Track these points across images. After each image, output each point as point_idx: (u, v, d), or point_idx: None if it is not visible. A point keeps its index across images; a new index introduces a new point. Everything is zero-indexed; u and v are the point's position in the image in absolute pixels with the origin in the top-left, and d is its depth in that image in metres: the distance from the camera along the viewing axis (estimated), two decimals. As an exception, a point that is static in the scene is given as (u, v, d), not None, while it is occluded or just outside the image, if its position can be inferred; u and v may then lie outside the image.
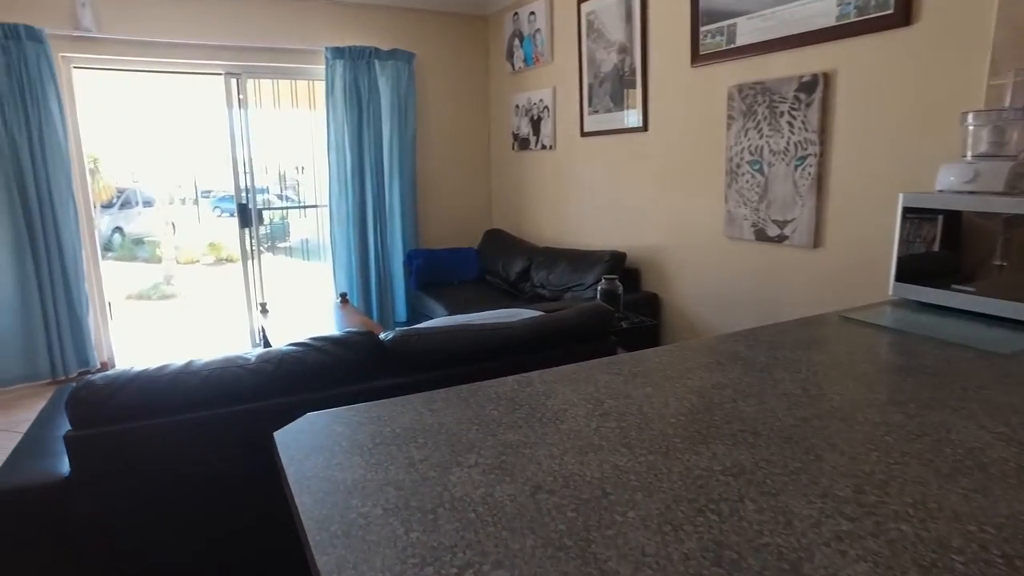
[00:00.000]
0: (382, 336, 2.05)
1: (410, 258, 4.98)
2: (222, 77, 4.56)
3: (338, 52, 4.63)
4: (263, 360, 1.88)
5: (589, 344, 2.30)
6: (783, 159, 2.86)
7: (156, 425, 1.72)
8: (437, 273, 4.89)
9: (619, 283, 3.15)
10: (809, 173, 2.73)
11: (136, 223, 13.50)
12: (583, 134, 4.27)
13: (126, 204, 13.28)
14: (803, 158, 2.76)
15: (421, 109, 5.10)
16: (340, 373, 1.92)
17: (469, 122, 5.42)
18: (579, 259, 4.02)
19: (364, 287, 5.01)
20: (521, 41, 4.83)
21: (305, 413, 1.84)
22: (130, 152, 11.93)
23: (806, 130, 2.72)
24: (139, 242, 13.17)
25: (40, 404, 3.83)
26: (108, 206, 12.62)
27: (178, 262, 11.20)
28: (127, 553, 1.76)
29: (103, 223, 12.50)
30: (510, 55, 5.00)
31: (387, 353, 2.01)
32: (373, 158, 4.86)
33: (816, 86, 2.65)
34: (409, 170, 5.00)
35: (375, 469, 0.93)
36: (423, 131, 5.15)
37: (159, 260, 11.23)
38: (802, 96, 2.72)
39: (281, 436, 1.04)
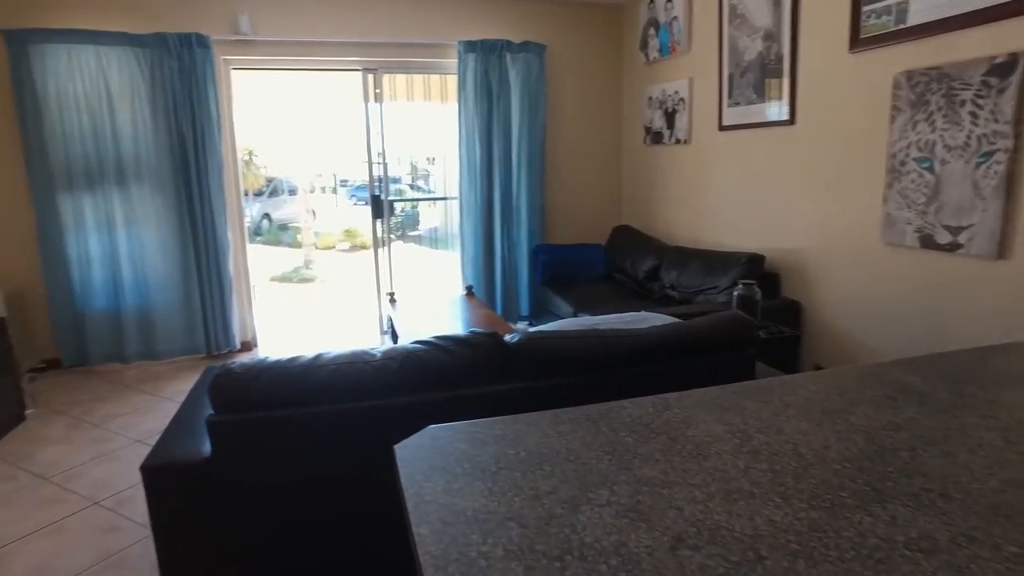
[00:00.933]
0: (507, 338, 1.99)
1: (536, 253, 4.94)
2: (360, 73, 4.73)
3: (470, 46, 4.65)
4: (388, 357, 1.89)
5: (724, 355, 2.13)
6: (961, 156, 2.50)
7: (286, 415, 1.76)
8: (563, 269, 4.81)
9: (757, 289, 2.92)
10: (996, 172, 2.37)
11: (282, 210, 14.54)
12: (721, 127, 4.01)
13: (274, 192, 14.32)
14: (988, 154, 2.39)
15: (551, 102, 5.02)
16: (463, 374, 1.89)
17: (600, 115, 5.28)
18: (713, 260, 3.79)
19: (489, 280, 5.04)
20: (656, 30, 4.62)
21: (427, 412, 1.84)
22: (279, 144, 12.81)
23: (995, 121, 2.35)
24: (284, 227, 14.16)
25: (191, 376, 4.17)
26: (259, 194, 13.68)
27: (317, 247, 11.89)
28: (257, 530, 1.83)
29: (254, 210, 13.56)
30: (644, 45, 4.80)
31: (511, 356, 1.95)
32: (502, 151, 4.86)
33: (1014, 68, 2.28)
34: (537, 164, 4.95)
35: (498, 499, 0.87)
36: (552, 124, 5.07)
37: (300, 245, 12.00)
38: (993, 81, 2.35)
39: (402, 450, 1.00)
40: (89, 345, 4.33)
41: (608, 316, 2.38)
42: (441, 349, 1.91)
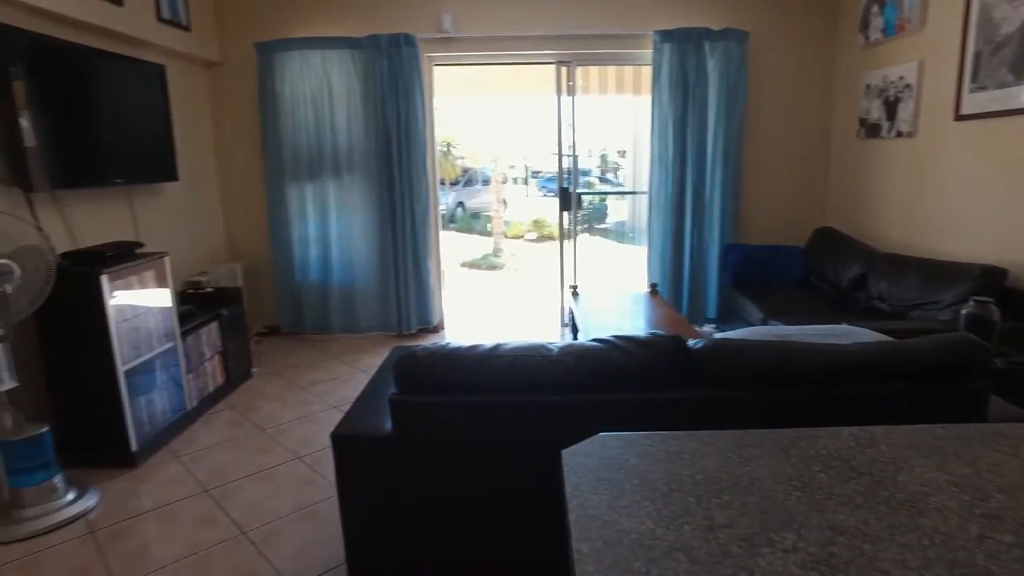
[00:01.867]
0: (690, 343, 1.88)
1: (727, 252, 4.66)
2: (554, 66, 4.77)
3: (666, 35, 4.48)
4: (565, 353, 1.87)
5: (947, 386, 1.83)
6: None
7: (462, 401, 1.82)
8: (755, 271, 4.49)
9: (995, 308, 2.48)
10: None
11: (475, 199, 15.28)
12: (958, 117, 3.46)
13: (469, 182, 15.09)
14: None
15: (752, 93, 4.68)
16: (642, 377, 1.82)
17: (806, 107, 4.83)
18: (935, 271, 3.30)
19: (676, 278, 4.85)
20: (881, 7, 4.10)
21: (599, 413, 1.81)
22: (475, 136, 13.44)
23: None
24: (476, 216, 14.87)
25: (384, 351, 4.51)
26: (455, 183, 14.49)
27: (506, 236, 12.31)
28: (427, 506, 1.92)
29: (449, 198, 14.40)
30: (864, 25, 4.29)
31: (694, 362, 1.84)
32: (695, 145, 4.63)
33: None
34: (733, 159, 4.66)
35: (667, 525, 0.80)
36: (752, 117, 4.73)
37: (490, 233, 12.51)
38: None
39: (569, 457, 0.97)
40: (303, 315, 4.88)
41: (805, 327, 2.16)
42: (619, 349, 1.85)
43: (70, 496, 2.61)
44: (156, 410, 3.12)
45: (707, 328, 4.77)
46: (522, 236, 13.59)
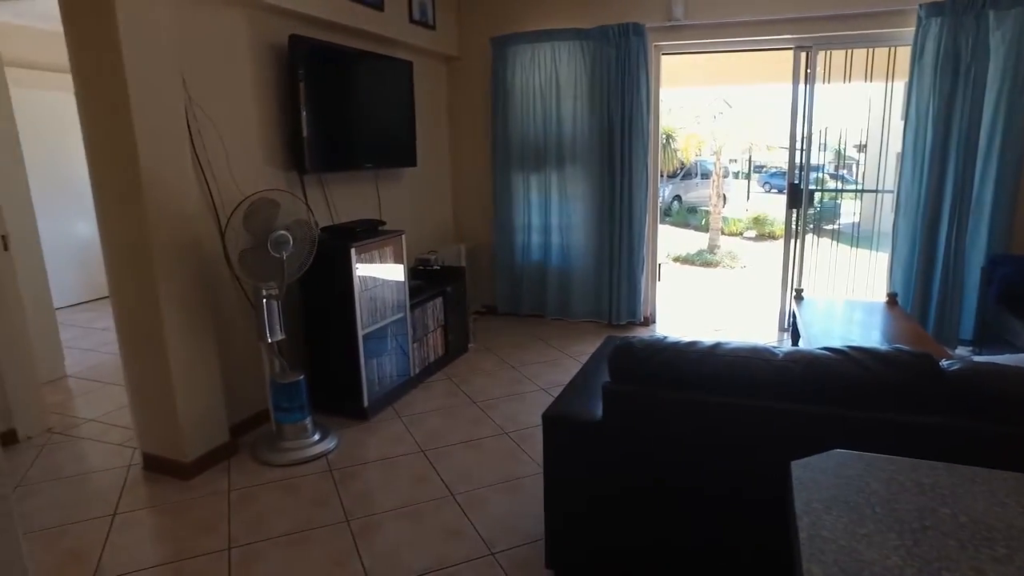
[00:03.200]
0: (943, 364, 1.64)
1: (994, 264, 3.96)
2: (791, 51, 4.40)
3: (935, 8, 3.88)
4: (790, 359, 1.74)
5: None
6: None
7: (677, 397, 1.77)
8: (1030, 287, 3.77)
9: None
10: None
11: (692, 193, 14.78)
12: None
13: (687, 175, 14.61)
14: None
15: (1048, 72, 3.90)
16: (878, 396, 1.62)
17: None
18: None
19: (923, 290, 4.24)
20: None
21: (826, 429, 1.64)
22: (695, 128, 12.93)
23: None
24: (692, 210, 14.38)
25: (594, 340, 4.57)
26: (672, 176, 14.12)
27: (723, 232, 11.74)
28: (631, 495, 1.90)
29: (666, 191, 14.08)
30: None
31: (947, 385, 1.60)
32: (963, 137, 3.96)
33: None
34: (1015, 152, 3.91)
35: (920, 567, 0.70)
36: (1045, 101, 3.95)
37: (706, 229, 12.02)
38: None
39: (800, 470, 0.89)
40: (520, 298, 5.11)
41: (1106, 359, 1.77)
42: (855, 362, 1.67)
43: (316, 437, 3.02)
44: (385, 373, 3.48)
45: (961, 351, 4.12)
46: (740, 234, 12.88)
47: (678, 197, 14.52)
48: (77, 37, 2.49)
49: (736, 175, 19.25)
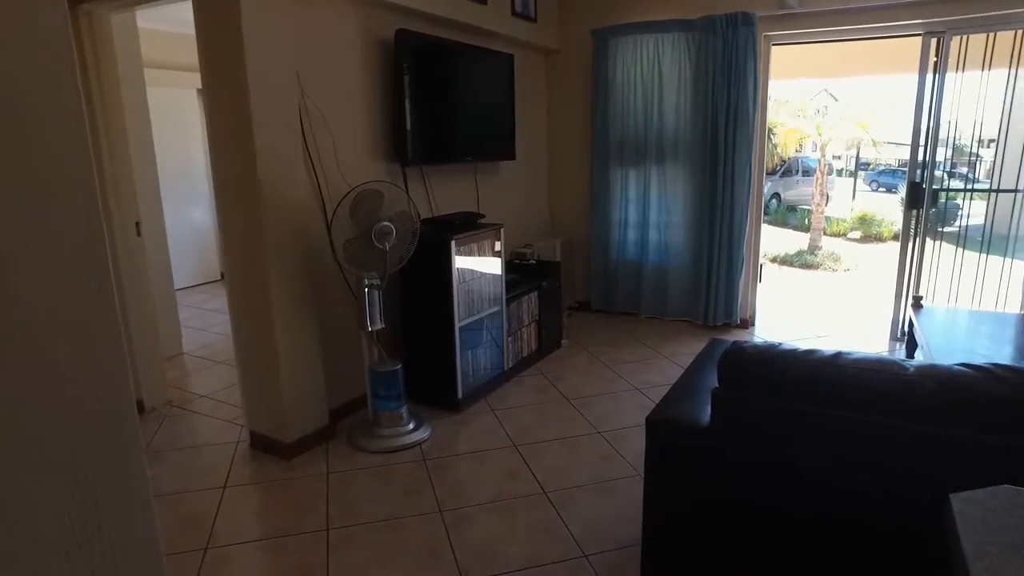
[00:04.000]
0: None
1: None
2: (920, 38, 4.07)
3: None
4: (923, 374, 1.59)
5: None
6: None
7: (794, 408, 1.67)
8: None
9: None
10: None
11: (793, 191, 14.08)
12: None
13: (787, 172, 13.94)
14: None
15: None
16: (1030, 420, 1.46)
17: None
18: None
19: (1061, 300, 3.86)
20: None
21: (969, 456, 1.49)
22: (798, 122, 12.29)
23: None
24: (792, 209, 13.71)
25: (688, 340, 4.43)
26: (771, 173, 13.50)
27: (825, 233, 11.12)
28: (738, 508, 1.81)
29: (765, 189, 13.45)
30: None
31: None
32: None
33: None
34: None
35: None
36: None
37: (807, 228, 11.43)
38: None
39: (964, 506, 0.80)
40: (614, 295, 5.02)
41: None
42: (1002, 381, 1.51)
43: (411, 426, 3.07)
44: (479, 365, 3.50)
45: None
46: (844, 234, 12.17)
47: (777, 195, 13.88)
48: (206, 39, 2.63)
49: (839, 173, 18.20)
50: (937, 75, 4.09)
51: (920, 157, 4.24)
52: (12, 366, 0.76)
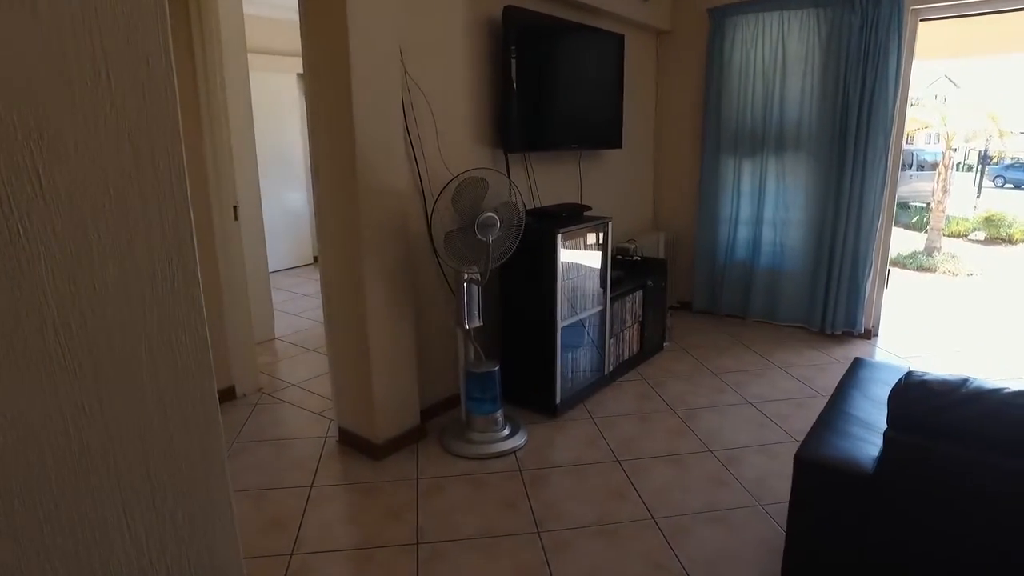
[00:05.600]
0: None
1: None
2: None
3: None
4: None
5: None
6: None
7: (996, 463, 1.34)
8: None
9: None
10: None
11: (906, 186, 12.99)
12: None
13: (901, 166, 12.86)
14: None
15: None
16: None
17: None
18: None
19: None
20: None
21: None
22: (914, 111, 11.27)
23: None
24: (904, 206, 12.64)
25: (802, 349, 4.03)
26: (884, 167, 12.45)
27: (943, 234, 10.16)
28: (910, 567, 1.50)
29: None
30: None
31: None
32: None
33: None
34: None
35: None
36: None
37: (920, 228, 10.50)
38: None
39: None
40: (720, 295, 4.66)
41: None
42: None
43: (506, 431, 2.87)
44: (579, 368, 3.26)
45: None
46: (965, 235, 11.11)
47: (886, 190, 12.81)
48: (309, 18, 2.49)
49: (958, 167, 16.64)
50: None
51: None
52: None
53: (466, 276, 2.67)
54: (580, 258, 3.15)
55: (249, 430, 3.04)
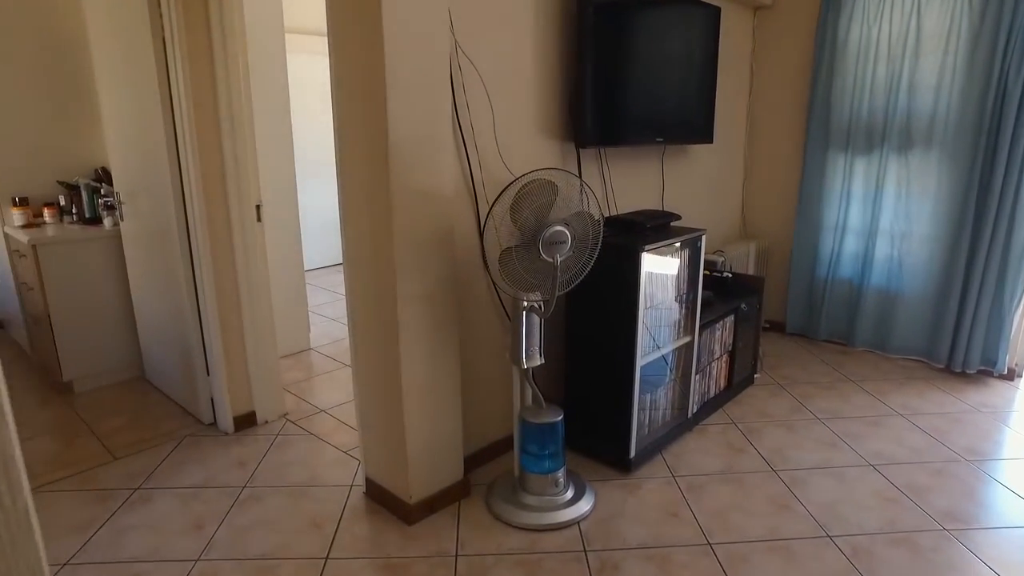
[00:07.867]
0: None
1: None
2: None
3: None
4: None
5: None
6: None
7: None
8: None
9: None
10: None
11: None
12: None
13: None
14: None
15: None
16: None
17: None
18: None
19: None
20: None
21: None
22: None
23: None
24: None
25: (928, 390, 3.32)
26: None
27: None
28: None
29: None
30: None
31: None
32: None
33: None
34: None
35: None
36: None
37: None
38: None
39: None
40: (819, 318, 3.96)
41: None
42: None
43: (568, 494, 2.32)
44: (657, 410, 2.67)
45: None
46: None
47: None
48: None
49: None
50: None
51: None
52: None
53: (526, 304, 2.12)
54: (665, 278, 2.55)
55: (264, 471, 2.59)
